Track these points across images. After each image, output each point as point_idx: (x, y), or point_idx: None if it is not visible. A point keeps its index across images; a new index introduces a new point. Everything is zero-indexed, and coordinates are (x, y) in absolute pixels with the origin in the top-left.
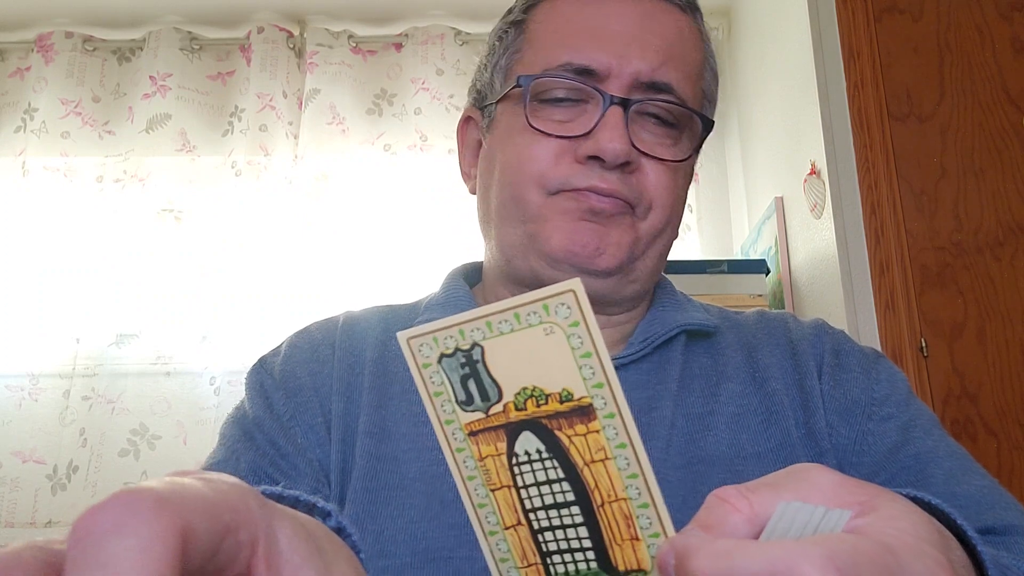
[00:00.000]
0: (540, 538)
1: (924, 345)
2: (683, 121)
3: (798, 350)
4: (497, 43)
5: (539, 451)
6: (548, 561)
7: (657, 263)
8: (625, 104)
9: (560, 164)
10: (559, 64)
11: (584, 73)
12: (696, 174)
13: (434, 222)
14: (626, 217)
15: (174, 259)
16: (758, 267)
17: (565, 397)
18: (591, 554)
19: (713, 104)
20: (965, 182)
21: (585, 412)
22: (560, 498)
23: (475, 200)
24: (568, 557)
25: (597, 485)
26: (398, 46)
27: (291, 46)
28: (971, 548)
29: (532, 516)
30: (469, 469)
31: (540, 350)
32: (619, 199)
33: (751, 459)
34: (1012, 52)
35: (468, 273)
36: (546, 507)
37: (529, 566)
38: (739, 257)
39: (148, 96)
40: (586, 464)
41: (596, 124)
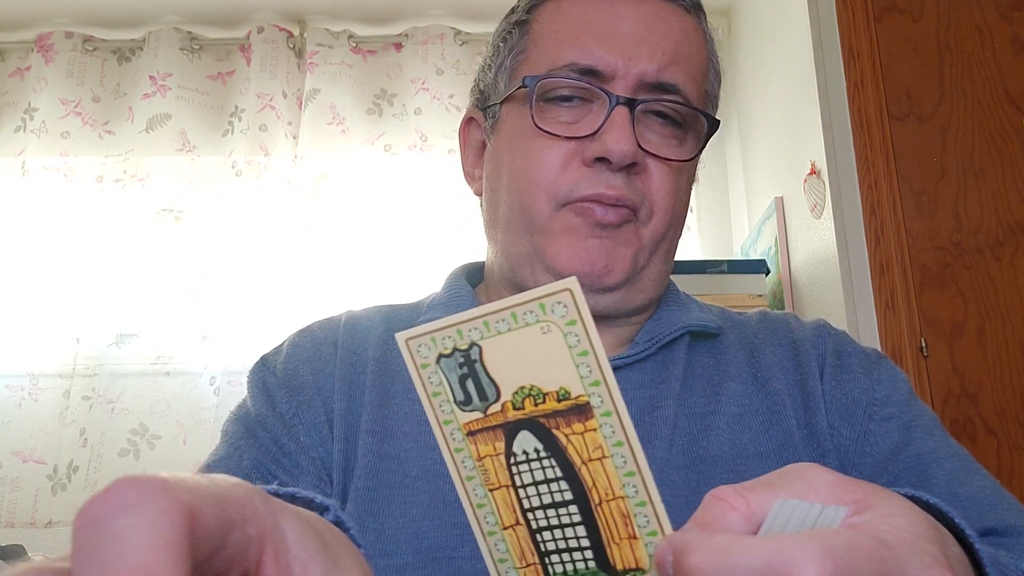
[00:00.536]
0: (538, 537)
1: (924, 345)
2: (688, 121)
3: (800, 350)
4: (501, 44)
5: (537, 450)
6: (546, 561)
7: (663, 268)
8: (631, 104)
9: (568, 170)
10: (564, 64)
11: (590, 73)
12: (696, 174)
13: (434, 222)
14: (631, 225)
15: (174, 259)
16: (758, 267)
17: (562, 396)
18: (589, 553)
19: (716, 104)
20: (965, 182)
21: (582, 411)
22: (558, 497)
23: (476, 201)
24: (566, 556)
25: (595, 484)
26: (398, 46)
27: (291, 46)
28: (969, 547)
29: (530, 515)
30: (467, 469)
31: (537, 349)
32: (624, 206)
33: (753, 459)
34: (1012, 52)
35: (470, 273)
36: (544, 506)
37: (528, 566)
38: (739, 257)
39: (148, 96)
40: (584, 463)
41: (602, 125)
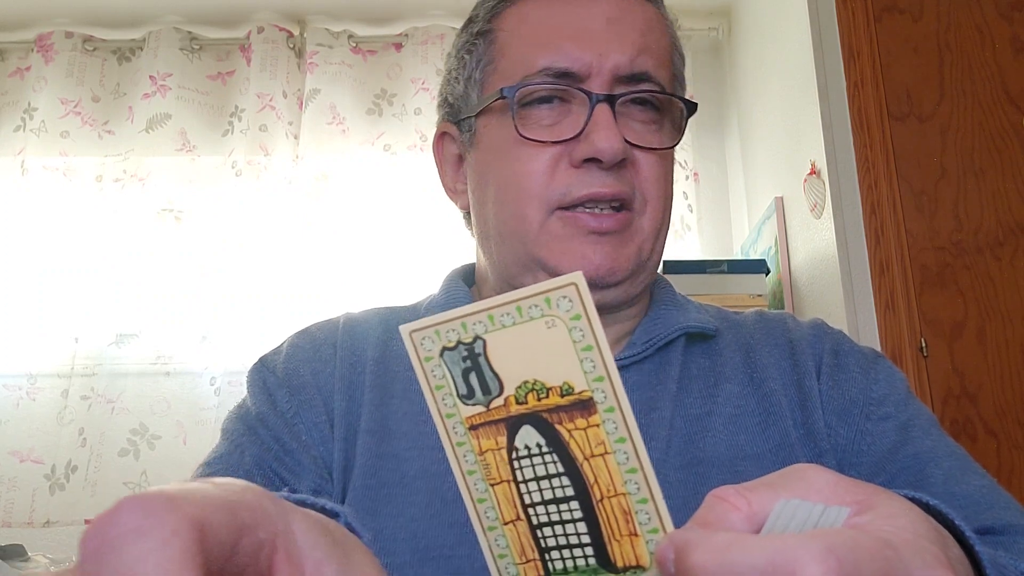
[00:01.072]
0: (539, 533)
1: (924, 345)
2: (664, 105)
3: (797, 350)
4: (467, 56)
5: (539, 445)
6: (547, 557)
7: (660, 254)
8: (611, 100)
9: (557, 174)
10: (539, 69)
11: (565, 75)
12: (696, 174)
13: (434, 222)
14: (630, 224)
15: (174, 259)
16: (758, 267)
17: (566, 391)
18: (589, 550)
19: (683, 85)
20: (965, 182)
21: (585, 406)
22: (559, 493)
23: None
24: (567, 553)
25: (596, 480)
26: (398, 46)
27: (291, 46)
28: (969, 547)
29: (531, 511)
30: (469, 463)
31: (542, 343)
32: (620, 204)
33: (750, 460)
34: (1012, 52)
35: (467, 274)
36: (545, 502)
37: (527, 562)
38: (739, 257)
39: (148, 96)
40: (586, 459)
41: (586, 125)
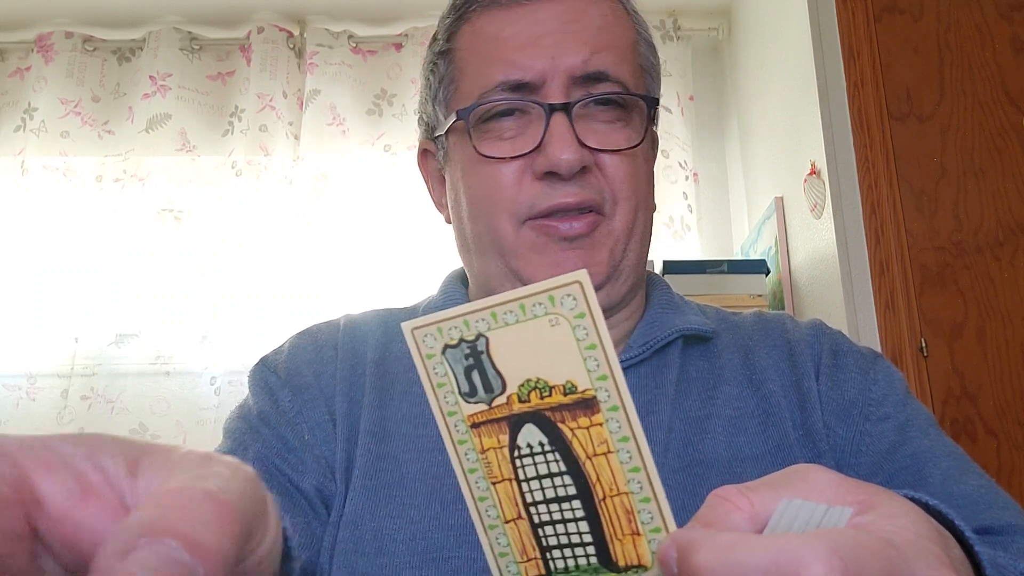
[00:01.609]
0: (540, 532)
1: (924, 345)
2: (629, 101)
3: (795, 351)
4: (431, 76)
5: (541, 444)
6: (548, 556)
7: (639, 253)
8: (566, 108)
9: (523, 186)
10: (495, 85)
11: (520, 87)
12: (696, 174)
13: (434, 222)
14: (600, 227)
15: (174, 259)
16: (758, 267)
17: (569, 389)
18: (591, 549)
19: (654, 75)
20: (965, 182)
21: (588, 405)
22: (561, 492)
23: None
24: (568, 552)
25: (599, 479)
26: (398, 46)
27: (291, 46)
28: (969, 548)
29: (533, 510)
30: (470, 461)
31: (545, 341)
32: (588, 210)
33: (749, 461)
34: (1012, 52)
35: (465, 277)
36: (547, 501)
37: (528, 560)
38: (739, 257)
39: (148, 96)
40: (588, 457)
41: (543, 136)
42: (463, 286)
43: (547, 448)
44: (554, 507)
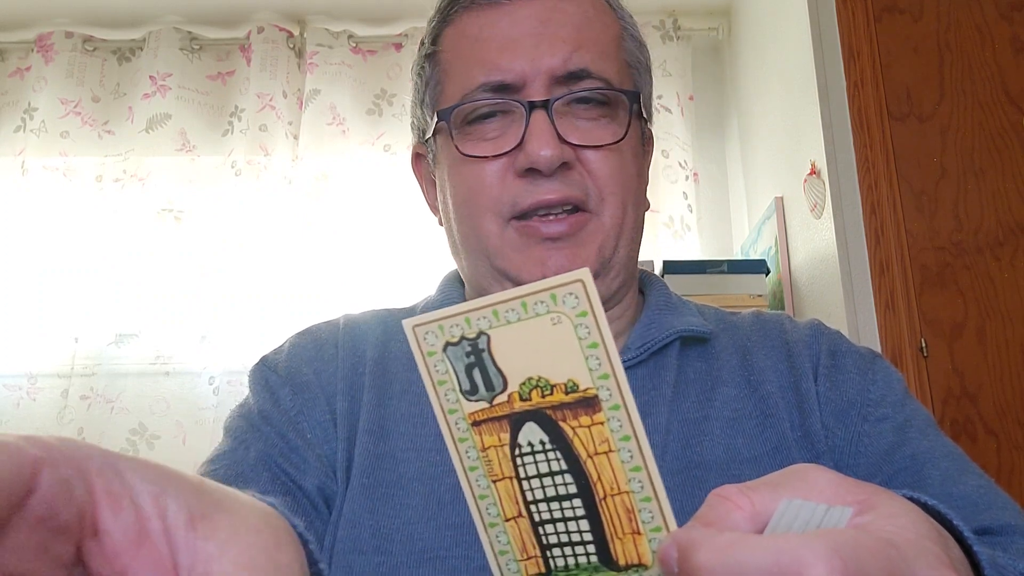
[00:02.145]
0: (541, 531)
1: (924, 345)
2: (612, 97)
3: (793, 352)
4: (418, 80)
5: (542, 442)
6: (548, 554)
7: (630, 249)
8: (546, 105)
9: (505, 184)
10: (476, 86)
11: (501, 88)
12: (696, 174)
13: (434, 222)
14: (586, 225)
15: (174, 259)
16: (758, 267)
17: (570, 388)
18: (592, 548)
19: (642, 69)
20: (965, 182)
21: (590, 404)
22: (562, 490)
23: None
24: (568, 551)
25: (600, 478)
26: (398, 46)
27: (291, 46)
28: (968, 548)
29: (533, 508)
30: (471, 460)
31: (547, 340)
32: (572, 207)
33: (747, 463)
34: (1012, 52)
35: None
36: (548, 499)
37: (529, 559)
38: (739, 257)
39: (148, 96)
40: (589, 456)
41: (524, 134)
42: (461, 286)
43: (548, 446)
44: (555, 505)
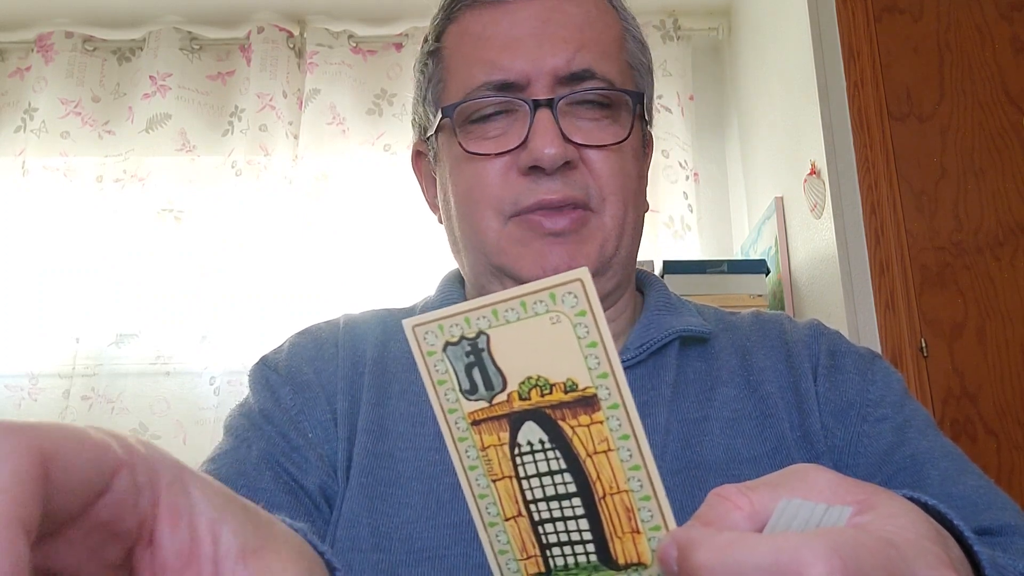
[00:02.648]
0: (540, 530)
1: (924, 345)
2: (615, 98)
3: (793, 352)
4: (421, 76)
5: (542, 441)
6: (548, 553)
7: (630, 250)
8: (550, 104)
9: (507, 182)
10: (479, 84)
11: (504, 87)
12: (696, 174)
13: (434, 222)
14: (588, 222)
15: (174, 259)
16: (758, 267)
17: (570, 387)
18: (591, 547)
19: (644, 70)
20: (965, 182)
21: (589, 403)
22: (561, 489)
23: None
24: (568, 550)
25: (599, 477)
26: (398, 46)
27: (291, 46)
28: (968, 548)
29: (533, 507)
30: (471, 459)
31: (546, 339)
32: (572, 207)
33: (747, 463)
34: (1012, 52)
35: (462, 276)
36: (547, 498)
37: (528, 558)
38: (739, 257)
39: (148, 96)
40: (588, 455)
41: (528, 132)
42: (460, 286)
43: (547, 446)
44: (554, 504)
